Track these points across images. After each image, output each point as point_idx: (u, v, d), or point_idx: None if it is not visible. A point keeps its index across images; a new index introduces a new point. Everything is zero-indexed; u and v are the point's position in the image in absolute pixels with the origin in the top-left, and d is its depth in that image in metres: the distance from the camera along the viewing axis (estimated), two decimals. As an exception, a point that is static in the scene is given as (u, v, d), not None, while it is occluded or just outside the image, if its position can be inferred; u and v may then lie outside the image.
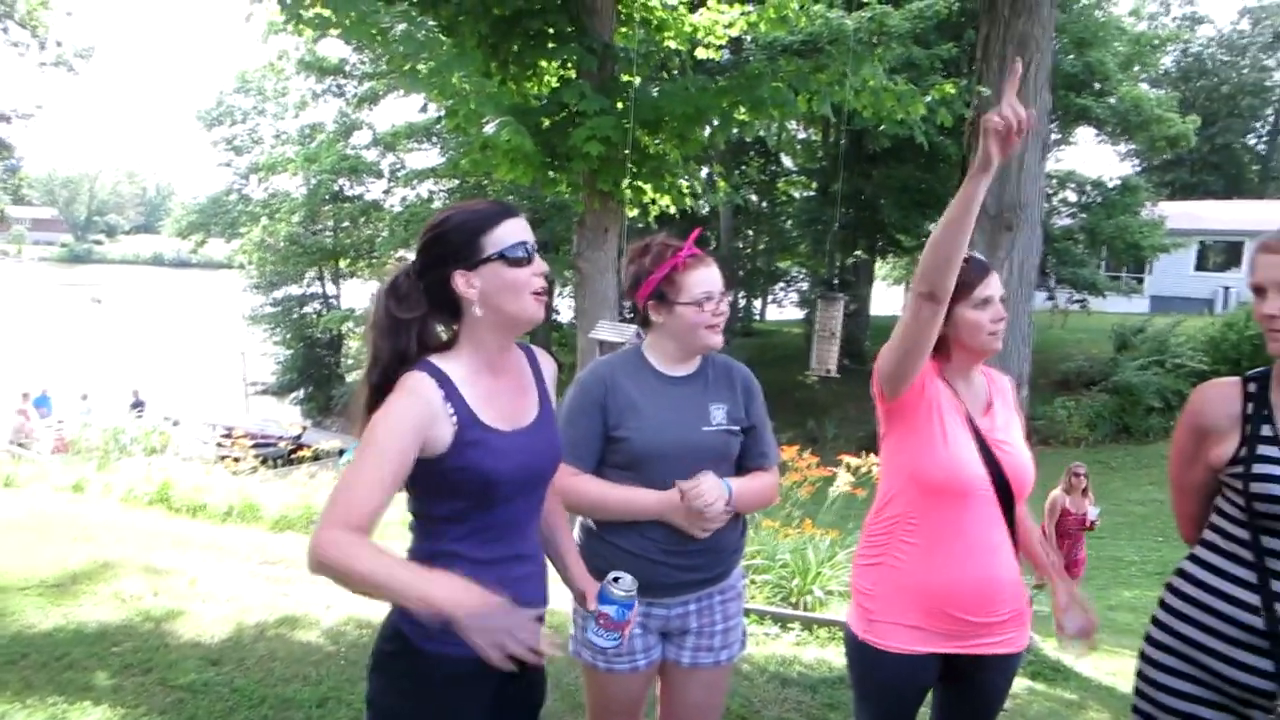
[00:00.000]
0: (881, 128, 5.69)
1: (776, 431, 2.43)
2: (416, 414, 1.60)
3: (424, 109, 22.88)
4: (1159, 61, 26.71)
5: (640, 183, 5.62)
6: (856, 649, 2.16)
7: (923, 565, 2.07)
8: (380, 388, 1.64)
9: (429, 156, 27.62)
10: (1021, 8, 5.00)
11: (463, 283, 1.66)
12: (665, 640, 2.25)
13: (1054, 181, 19.86)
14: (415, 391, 1.61)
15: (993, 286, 2.08)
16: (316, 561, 1.48)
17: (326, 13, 4.64)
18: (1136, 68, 20.80)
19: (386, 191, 28.11)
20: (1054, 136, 21.48)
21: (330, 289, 30.99)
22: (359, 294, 29.18)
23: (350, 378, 27.25)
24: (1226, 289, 25.56)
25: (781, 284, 32.18)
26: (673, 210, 6.30)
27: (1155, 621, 1.90)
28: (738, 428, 2.20)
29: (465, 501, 1.66)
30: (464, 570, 1.57)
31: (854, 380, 5.25)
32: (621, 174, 5.46)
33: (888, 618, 2.10)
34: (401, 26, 4.41)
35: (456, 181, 23.20)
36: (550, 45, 5.71)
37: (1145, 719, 1.87)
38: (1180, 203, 29.53)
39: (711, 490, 2.05)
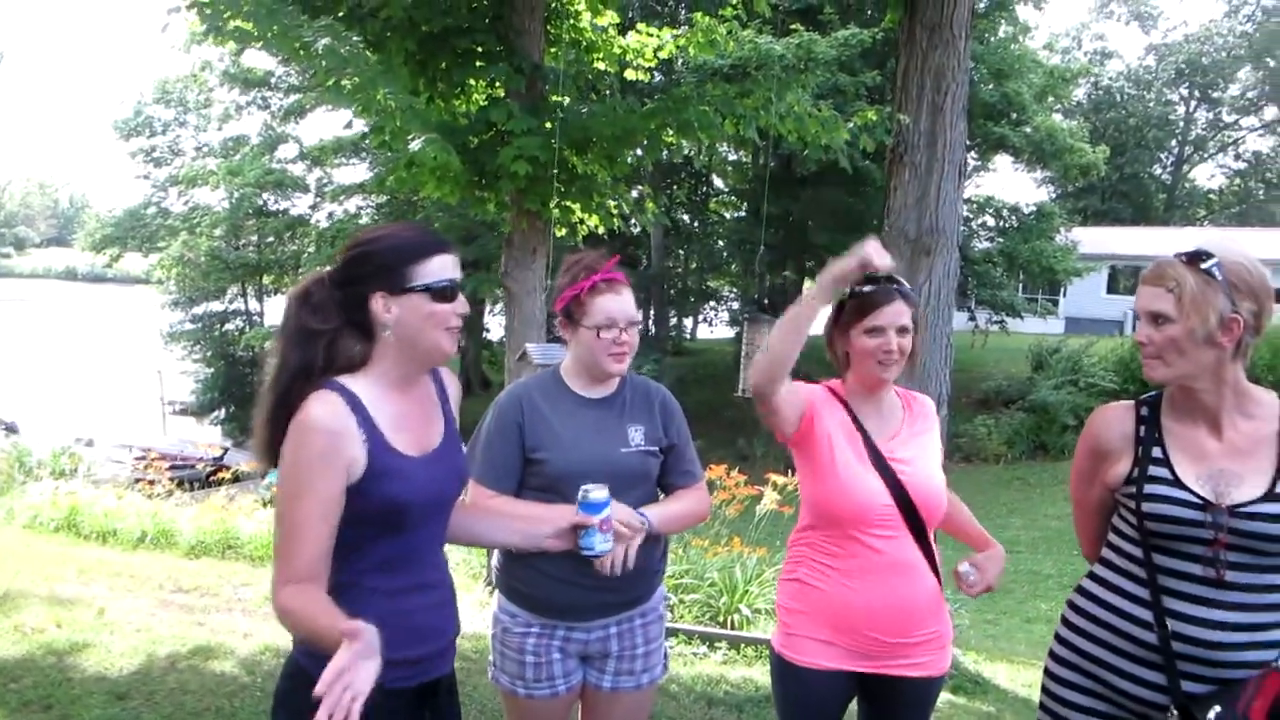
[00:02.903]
0: (806, 151, 5.80)
1: (706, 451, 2.45)
2: (333, 444, 1.56)
3: (349, 125, 22.58)
4: (1071, 93, 27.86)
5: (568, 202, 5.63)
6: (775, 663, 2.21)
7: (833, 583, 2.11)
8: (283, 400, 1.60)
9: (357, 172, 27.25)
10: (938, 40, 5.17)
11: (380, 306, 1.64)
12: (586, 664, 2.24)
13: (974, 207, 20.50)
14: (327, 418, 1.57)
15: (887, 316, 2.10)
16: (280, 619, 1.55)
17: (248, 25, 4.56)
18: (1051, 99, 21.63)
19: (313, 207, 27.60)
20: (974, 164, 22.19)
21: (253, 305, 30.21)
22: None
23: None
24: (1133, 312, 26.63)
25: (712, 303, 32.49)
26: (602, 230, 6.32)
27: (1057, 637, 1.96)
28: (657, 448, 2.21)
29: (369, 530, 1.62)
30: (366, 601, 1.55)
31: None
32: (549, 194, 5.46)
33: (803, 632, 2.15)
34: (325, 41, 4.34)
35: (385, 197, 22.89)
36: (478, 64, 5.70)
37: (1049, 735, 1.92)
38: (1092, 229, 30.81)
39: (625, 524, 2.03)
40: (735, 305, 30.20)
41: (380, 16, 5.41)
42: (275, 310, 29.53)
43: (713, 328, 34.45)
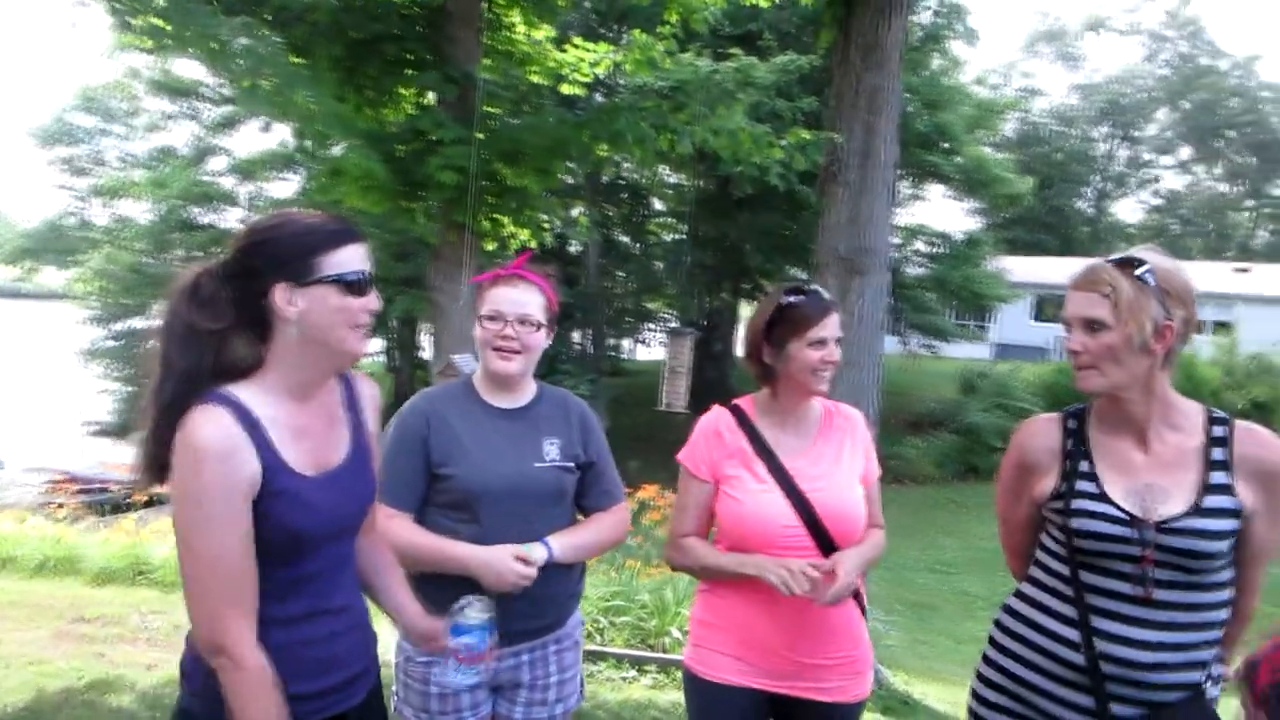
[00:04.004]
0: (740, 169, 5.78)
1: (642, 471, 2.36)
2: (230, 467, 1.40)
3: (266, 127, 22.11)
4: (1000, 126, 28.69)
5: (498, 215, 5.51)
6: (686, 678, 2.16)
7: (744, 600, 2.04)
8: (169, 411, 1.42)
9: (290, 186, 26.64)
10: (872, 61, 5.21)
11: (283, 299, 1.46)
12: (496, 695, 2.11)
13: (907, 233, 20.89)
14: (218, 438, 1.40)
15: (829, 328, 2.05)
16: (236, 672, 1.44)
17: (161, 23, 4.35)
18: (981, 131, 22.21)
19: (243, 221, 26.91)
20: (907, 192, 22.67)
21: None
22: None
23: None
24: (1059, 338, 27.45)
25: (650, 325, 32.50)
26: (533, 245, 6.20)
27: (984, 658, 1.89)
28: (573, 464, 2.09)
29: (264, 556, 1.45)
30: (262, 630, 1.41)
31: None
32: (478, 206, 5.34)
33: (713, 647, 2.08)
34: (243, 41, 4.17)
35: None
36: (409, 72, 5.57)
37: (978, 759, 1.85)
38: (1020, 258, 31.63)
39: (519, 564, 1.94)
40: (673, 326, 30.25)
41: (307, 21, 5.26)
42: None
43: (650, 348, 34.47)
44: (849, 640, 2.09)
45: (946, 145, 19.37)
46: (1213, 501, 1.68)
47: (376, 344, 30.56)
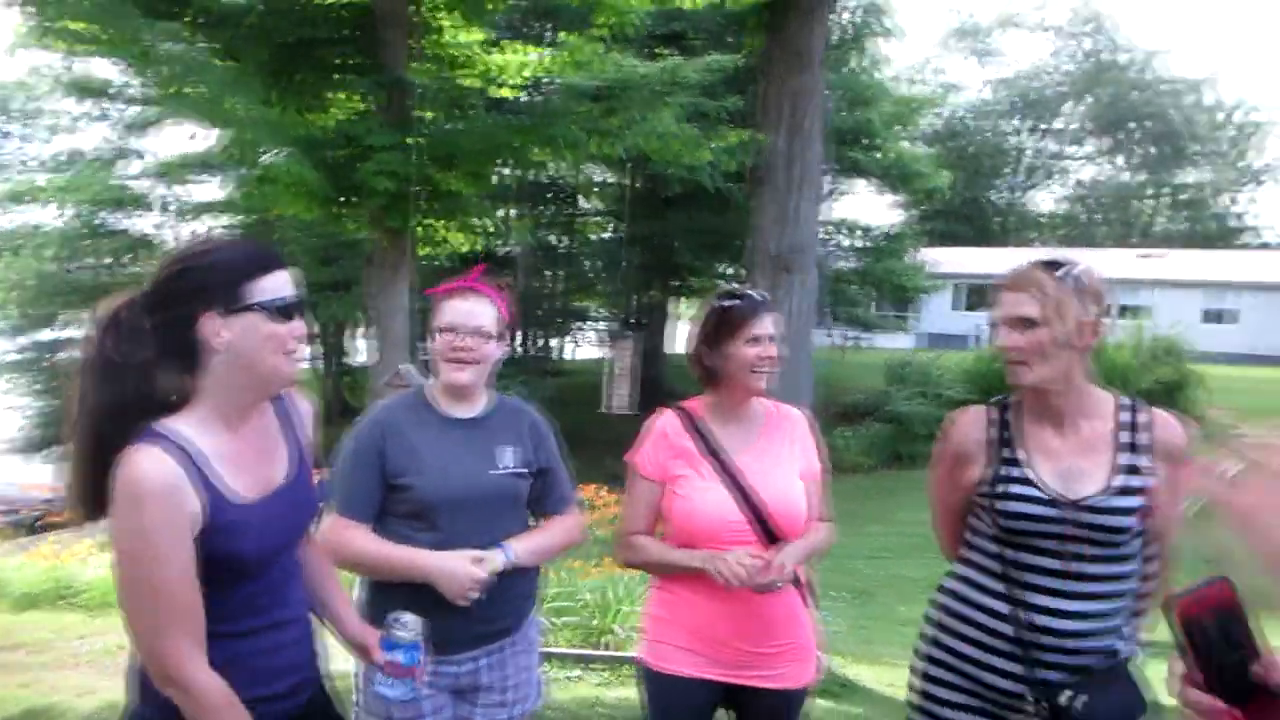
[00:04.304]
0: (670, 170, 5.88)
1: (578, 471, 2.42)
2: (173, 505, 1.40)
3: (193, 136, 21.44)
4: (920, 122, 29.41)
5: (433, 220, 5.50)
6: (641, 671, 2.24)
7: (694, 593, 2.12)
8: (97, 448, 1.41)
9: (211, 190, 25.83)
10: (797, 64, 5.37)
11: (211, 328, 1.46)
12: (456, 699, 2.15)
13: (831, 227, 21.32)
14: (160, 478, 1.40)
15: (764, 326, 2.15)
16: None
17: (83, 27, 4.23)
18: (901, 127, 22.77)
19: (160, 226, 26.00)
20: (830, 186, 23.13)
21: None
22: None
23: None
24: (980, 327, 28.34)
25: (583, 324, 32.50)
26: (466, 249, 6.20)
27: (922, 636, 2.02)
28: (527, 470, 2.15)
29: (212, 581, 1.47)
30: (213, 645, 1.44)
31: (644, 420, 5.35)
32: (413, 211, 5.33)
33: (666, 640, 2.17)
34: (170, 46, 4.08)
35: (241, 217, 21.85)
36: (338, 77, 5.52)
37: (919, 728, 1.98)
38: (941, 249, 32.50)
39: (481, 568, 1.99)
40: (604, 326, 30.30)
41: (233, 25, 5.16)
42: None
43: (579, 347, 34.46)
44: (795, 629, 2.19)
45: (869, 141, 19.82)
46: (1125, 481, 1.83)
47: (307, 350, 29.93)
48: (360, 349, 21.01)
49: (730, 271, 23.21)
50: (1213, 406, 17.93)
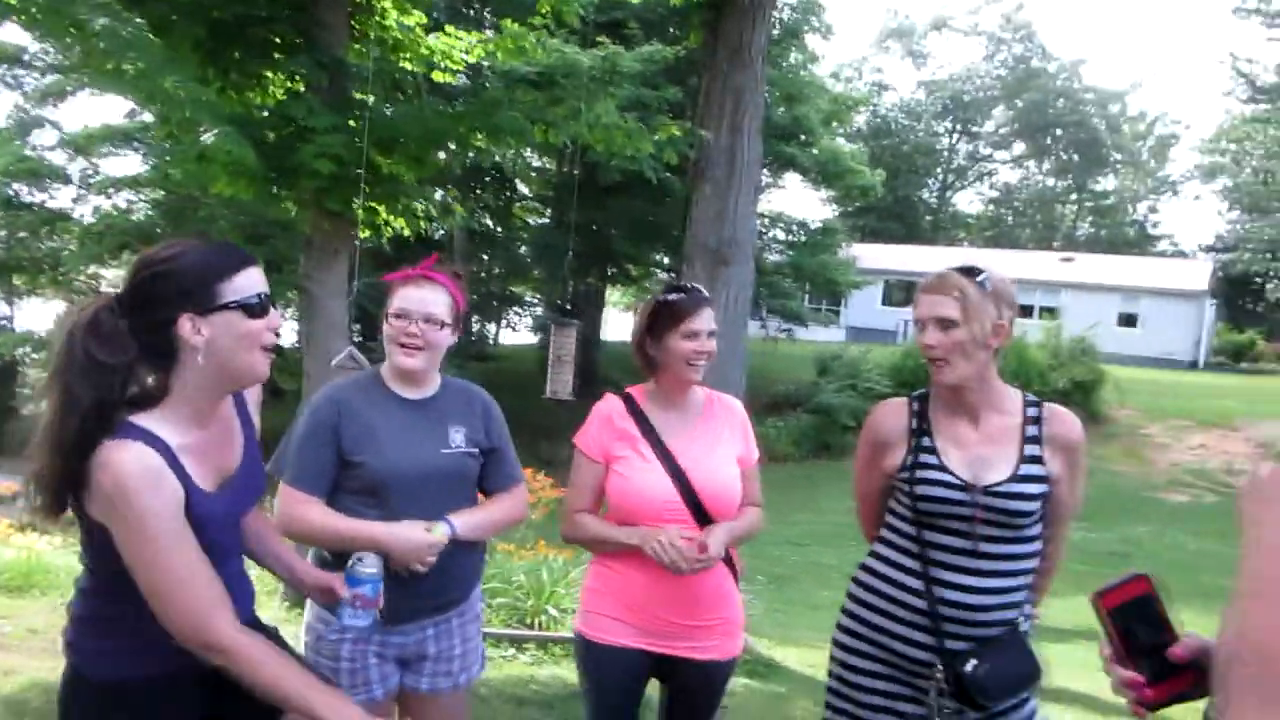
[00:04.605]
0: (613, 161, 5.97)
1: (511, 456, 2.51)
2: (166, 495, 1.49)
3: (131, 115, 20.73)
4: (853, 120, 30.01)
5: (373, 203, 5.48)
6: (577, 642, 2.35)
7: (627, 568, 2.25)
8: (79, 445, 1.46)
9: (129, 163, 24.88)
10: (738, 62, 5.49)
11: (189, 328, 1.53)
12: (403, 668, 2.23)
13: (766, 221, 21.65)
14: (149, 473, 1.48)
15: (701, 322, 2.27)
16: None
17: (9, -2, 4.14)
18: (835, 124, 23.20)
19: (76, 200, 25.03)
20: (766, 180, 23.45)
21: (2, 309, 27.03)
22: (39, 315, 25.75)
23: (27, 410, 23.92)
24: (906, 322, 29.08)
25: (516, 309, 32.36)
26: (407, 233, 6.19)
27: (844, 611, 2.17)
28: (477, 450, 2.24)
29: None
30: None
31: (587, 404, 5.44)
32: (353, 194, 5.31)
33: (601, 612, 2.29)
34: (104, 21, 4.00)
35: (163, 193, 21.17)
36: (276, 56, 5.45)
37: (836, 695, 2.13)
38: (870, 245, 33.30)
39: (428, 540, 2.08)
40: (539, 311, 30.22)
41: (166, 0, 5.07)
42: (31, 314, 26.59)
43: (516, 332, 34.32)
44: (722, 604, 2.33)
45: (804, 138, 20.16)
46: (1028, 470, 2.01)
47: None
48: (289, 330, 20.59)
49: (666, 261, 23.41)
50: (1122, 406, 18.81)
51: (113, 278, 26.27)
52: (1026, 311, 27.90)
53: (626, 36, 17.12)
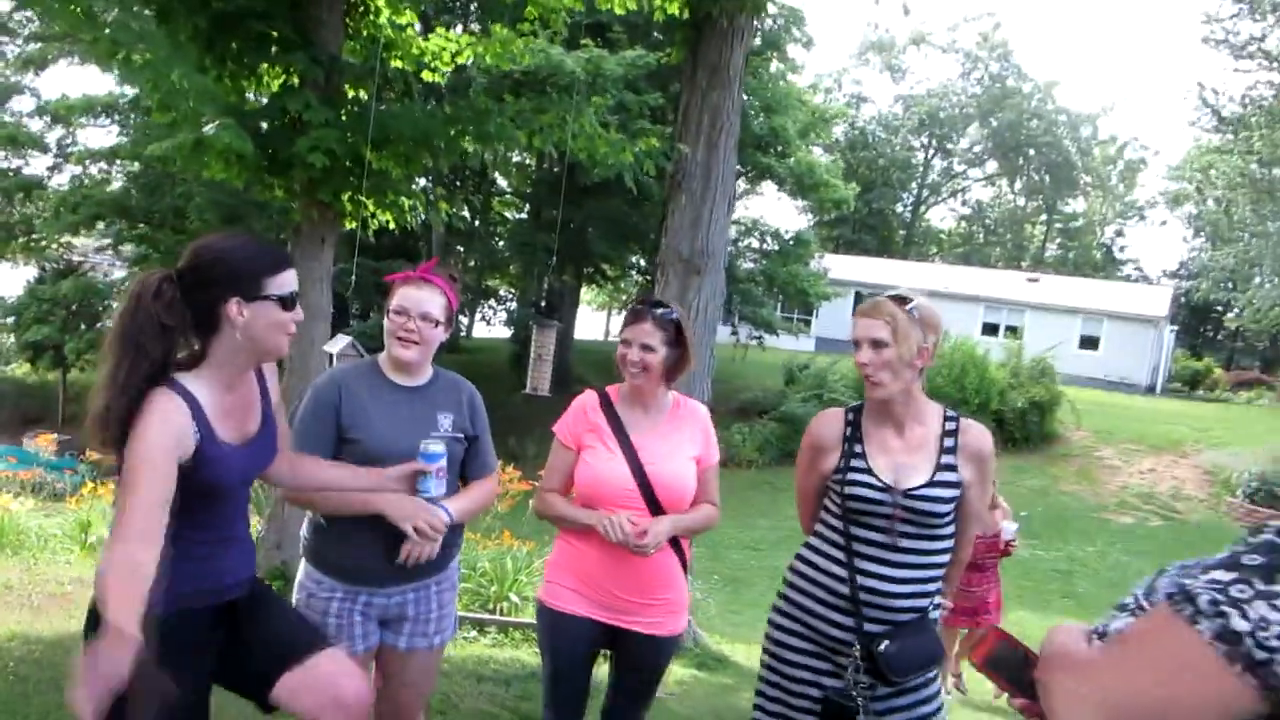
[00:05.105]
0: (596, 170, 6.21)
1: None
2: (172, 438, 1.79)
3: (135, 99, 20.61)
4: (830, 132, 30.38)
5: (362, 196, 5.68)
6: (538, 608, 2.62)
7: (586, 545, 2.52)
8: (140, 393, 1.78)
9: (107, 135, 24.74)
10: (716, 81, 5.76)
11: (235, 310, 1.86)
12: (383, 627, 2.48)
13: (741, 229, 21.94)
14: (168, 416, 1.79)
15: (631, 332, 2.55)
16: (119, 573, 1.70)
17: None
18: (812, 135, 23.56)
19: (53, 168, 24.84)
20: (743, 188, 23.77)
21: (-30, 272, 26.69)
22: (9, 280, 25.51)
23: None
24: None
25: (491, 302, 32.49)
26: (392, 225, 6.39)
27: (779, 595, 2.46)
28: (462, 435, 2.50)
29: (193, 499, 1.86)
30: (187, 547, 1.84)
31: (557, 400, 5.68)
32: (344, 186, 5.51)
33: (559, 581, 2.56)
34: (115, 12, 4.18)
35: (139, 165, 21.09)
36: (274, 50, 5.63)
37: (768, 669, 2.41)
38: (842, 256, 33.72)
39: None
40: (513, 306, 30.36)
41: (169, -12, 5.23)
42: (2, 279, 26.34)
43: (490, 326, 34.44)
44: (668, 585, 2.60)
45: (780, 149, 20.47)
46: (942, 476, 2.30)
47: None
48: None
49: (641, 263, 23.65)
50: (1078, 428, 19.33)
51: (82, 246, 26.13)
52: (992, 330, 28.52)
53: (611, 40, 17.35)
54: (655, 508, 2.52)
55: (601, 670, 2.79)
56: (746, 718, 2.49)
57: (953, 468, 2.31)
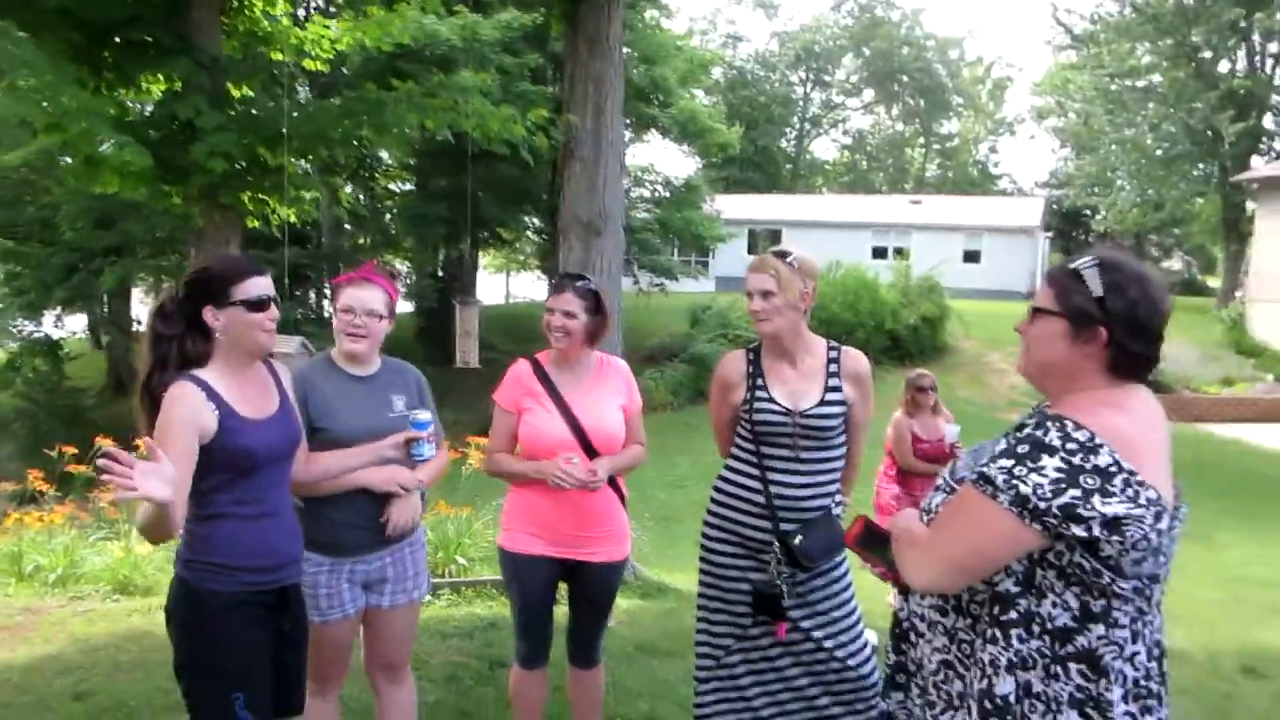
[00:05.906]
0: (490, 147, 6.41)
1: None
2: (189, 417, 2.13)
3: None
4: (709, 75, 30.73)
5: (262, 195, 5.79)
6: (500, 554, 3.00)
7: (534, 493, 2.90)
8: (147, 385, 2.19)
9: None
10: (597, 52, 6.02)
11: (210, 316, 2.21)
12: (367, 591, 2.80)
13: (633, 179, 22.21)
14: (184, 399, 2.15)
15: (554, 301, 2.90)
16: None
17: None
18: (691, 82, 23.83)
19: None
20: (629, 137, 23.96)
21: None
22: None
23: None
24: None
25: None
26: (294, 220, 6.50)
27: (707, 510, 2.89)
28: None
29: (229, 473, 2.21)
30: (232, 526, 2.19)
31: (467, 371, 6.01)
32: (244, 187, 5.61)
33: (515, 528, 2.95)
34: (-5, 38, 4.17)
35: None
36: (154, 55, 5.64)
37: (705, 574, 2.84)
38: (733, 196, 34.30)
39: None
40: (412, 279, 30.00)
41: (34, 7, 5.18)
42: None
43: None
44: (610, 519, 2.99)
45: (662, 99, 20.72)
46: (831, 397, 2.76)
47: (81, 322, 27.79)
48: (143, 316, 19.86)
49: (536, 223, 23.72)
50: (966, 338, 20.48)
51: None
52: (880, 254, 29.65)
53: (484, 5, 17.21)
54: (592, 454, 2.89)
55: (560, 610, 3.16)
56: (692, 631, 2.91)
57: (838, 389, 2.76)
